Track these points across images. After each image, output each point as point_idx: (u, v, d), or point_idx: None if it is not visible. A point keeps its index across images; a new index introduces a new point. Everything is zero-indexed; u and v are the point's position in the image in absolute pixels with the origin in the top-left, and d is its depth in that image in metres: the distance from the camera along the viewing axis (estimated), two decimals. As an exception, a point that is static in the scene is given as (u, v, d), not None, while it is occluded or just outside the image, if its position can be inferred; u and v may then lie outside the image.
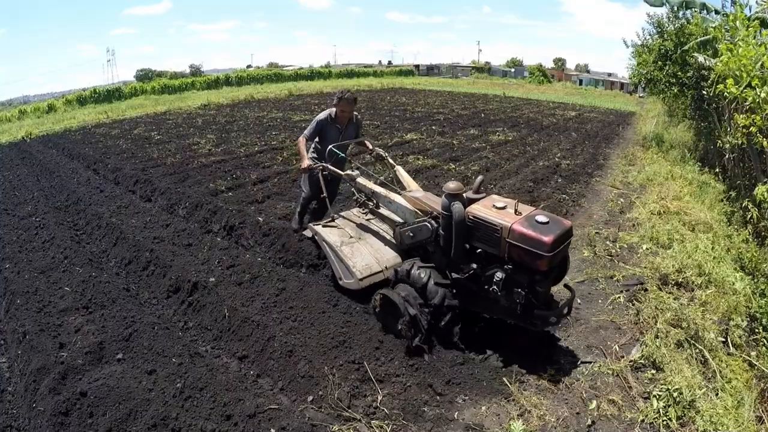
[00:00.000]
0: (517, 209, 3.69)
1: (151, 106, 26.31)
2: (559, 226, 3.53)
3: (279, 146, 12.80)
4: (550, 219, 3.57)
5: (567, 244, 3.60)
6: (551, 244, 3.35)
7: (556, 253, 3.43)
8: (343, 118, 5.63)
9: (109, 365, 3.75)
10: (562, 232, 3.47)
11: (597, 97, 39.01)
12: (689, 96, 11.66)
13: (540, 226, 3.48)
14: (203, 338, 4.45)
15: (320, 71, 51.56)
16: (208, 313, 4.70)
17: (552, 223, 3.52)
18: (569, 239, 3.62)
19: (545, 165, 10.92)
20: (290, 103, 25.56)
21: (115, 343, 4.04)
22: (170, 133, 15.60)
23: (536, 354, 3.90)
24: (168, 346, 4.04)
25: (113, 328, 4.24)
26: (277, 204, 7.74)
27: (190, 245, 6.38)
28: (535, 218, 3.56)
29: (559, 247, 3.46)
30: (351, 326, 4.17)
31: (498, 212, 3.70)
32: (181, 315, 4.89)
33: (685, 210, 7.23)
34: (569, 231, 3.59)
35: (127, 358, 3.87)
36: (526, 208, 3.78)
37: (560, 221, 3.61)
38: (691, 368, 3.69)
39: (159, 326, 4.40)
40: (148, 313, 4.73)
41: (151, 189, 9.00)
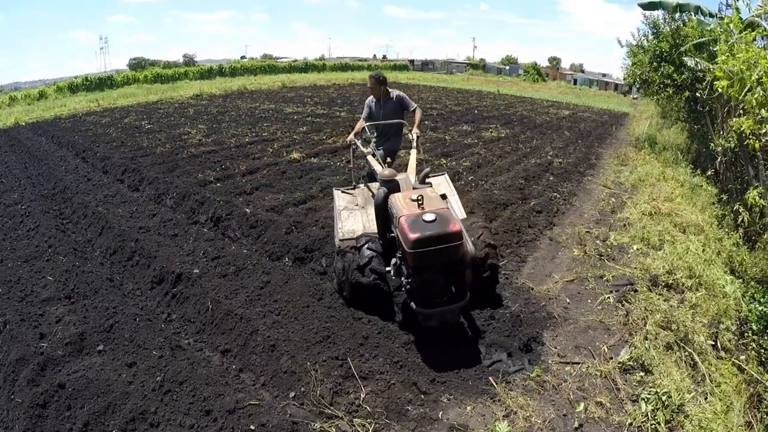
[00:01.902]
0: (422, 204, 3.74)
1: (143, 95, 26.10)
2: (438, 228, 3.52)
3: (270, 138, 12.67)
4: (437, 219, 3.57)
5: (448, 248, 3.54)
6: (415, 242, 3.45)
7: (426, 252, 3.48)
8: (375, 96, 6.13)
9: (89, 357, 3.66)
10: (435, 234, 3.48)
11: (591, 97, 39.11)
12: (683, 98, 11.63)
13: (418, 224, 3.55)
14: (186, 331, 4.36)
15: (314, 64, 51.40)
16: (191, 306, 4.61)
17: (434, 224, 3.54)
18: (450, 244, 3.54)
19: (537, 163, 10.87)
20: (283, 95, 25.40)
21: (96, 335, 3.95)
22: (161, 123, 15.44)
23: (523, 353, 3.84)
24: (149, 339, 3.96)
25: (95, 319, 4.15)
26: (265, 196, 7.64)
27: (176, 236, 6.28)
28: (423, 216, 3.60)
29: (430, 248, 3.48)
30: (335, 321, 4.09)
31: (405, 203, 3.83)
32: (165, 306, 4.80)
33: (677, 212, 7.20)
34: (448, 236, 3.52)
35: (107, 350, 3.78)
36: (437, 204, 3.82)
37: (444, 224, 3.56)
38: (680, 371, 3.65)
39: (141, 318, 4.31)
40: (131, 304, 4.63)
41: (139, 178, 8.87)
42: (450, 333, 3.99)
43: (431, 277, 3.65)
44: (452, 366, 3.69)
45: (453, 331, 4.02)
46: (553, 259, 5.73)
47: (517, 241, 6.08)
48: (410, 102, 6.15)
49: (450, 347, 3.91)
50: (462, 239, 3.58)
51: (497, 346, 3.84)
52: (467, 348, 3.91)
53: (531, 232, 6.41)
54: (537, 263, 5.58)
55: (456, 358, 3.79)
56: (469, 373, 3.60)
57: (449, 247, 3.52)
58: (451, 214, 3.72)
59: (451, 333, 4.00)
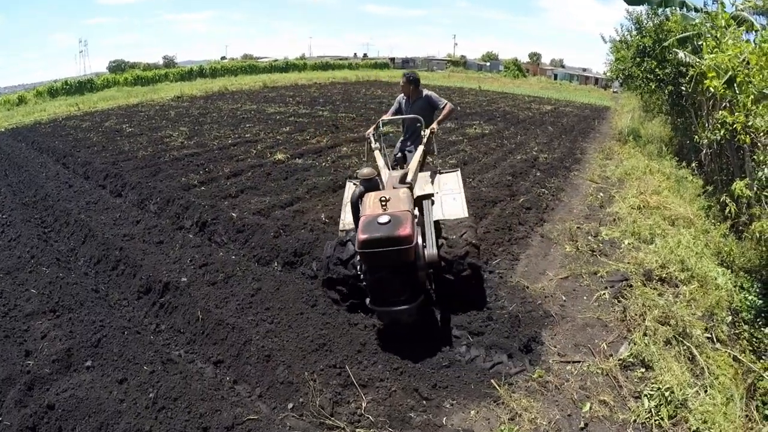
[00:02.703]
0: (386, 205, 3.77)
1: (124, 97, 25.70)
2: (387, 231, 3.53)
3: (253, 139, 12.50)
4: (390, 222, 3.59)
5: (394, 251, 3.53)
6: (362, 243, 3.52)
7: (373, 253, 3.53)
8: (405, 92, 6.21)
9: (77, 374, 3.52)
10: (383, 237, 3.50)
11: (572, 91, 39.49)
12: (666, 92, 11.72)
13: (371, 225, 3.61)
14: (176, 342, 4.24)
15: (295, 63, 51.07)
16: (180, 316, 4.48)
17: (384, 226, 3.56)
18: (396, 247, 3.53)
19: (523, 159, 10.86)
20: (264, 95, 25.19)
21: (83, 350, 3.80)
22: (142, 126, 15.17)
23: (523, 353, 3.78)
24: (139, 352, 3.81)
25: (81, 334, 4.00)
26: (251, 199, 7.50)
27: (161, 243, 6.12)
28: (379, 218, 3.64)
29: (377, 249, 3.51)
30: (331, 328, 3.98)
31: (372, 203, 3.89)
32: (153, 317, 4.66)
33: (665, 205, 7.23)
34: (396, 239, 3.51)
35: (96, 366, 3.64)
36: (402, 207, 3.80)
37: (394, 228, 3.55)
38: (680, 365, 3.63)
39: (129, 330, 4.15)
40: (117, 316, 4.49)
41: (122, 183, 8.67)
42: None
43: (383, 277, 3.66)
44: (453, 370, 3.63)
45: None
46: (546, 256, 5.70)
47: (509, 239, 6.04)
48: (439, 100, 6.15)
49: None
50: (411, 243, 3.54)
51: (497, 348, 3.77)
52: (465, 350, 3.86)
53: (522, 230, 6.37)
54: (530, 261, 5.54)
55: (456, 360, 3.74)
56: (470, 377, 3.53)
57: (396, 250, 3.52)
58: (408, 217, 3.67)
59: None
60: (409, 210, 3.78)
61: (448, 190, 5.19)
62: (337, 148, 11.39)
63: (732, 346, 4.30)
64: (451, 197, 5.07)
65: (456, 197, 5.06)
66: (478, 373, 3.59)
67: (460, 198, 5.08)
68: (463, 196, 5.12)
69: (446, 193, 5.16)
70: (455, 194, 5.11)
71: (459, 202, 5.01)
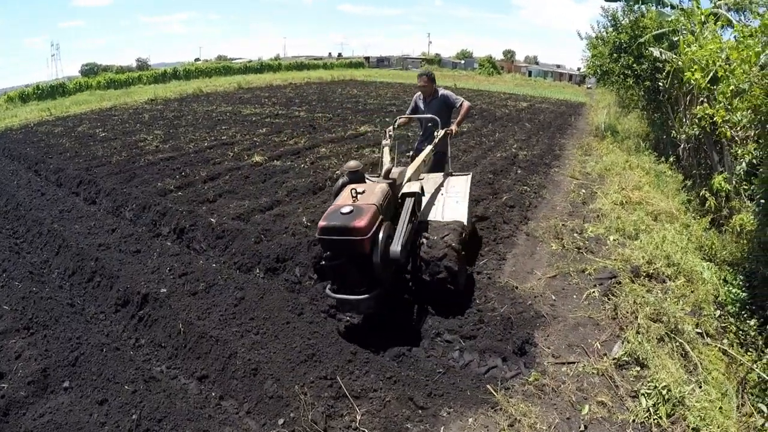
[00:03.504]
0: (357, 197, 3.87)
1: (96, 101, 25.00)
2: (343, 221, 3.64)
3: (229, 141, 12.25)
4: (351, 212, 3.69)
5: (347, 241, 3.61)
6: (320, 229, 3.67)
7: (328, 240, 3.67)
8: (423, 92, 6.24)
9: (55, 396, 3.32)
10: (338, 226, 3.61)
11: (546, 88, 39.92)
12: (643, 87, 11.83)
13: (332, 214, 3.75)
14: (157, 357, 4.05)
15: (270, 64, 50.59)
16: (160, 329, 4.30)
17: (343, 216, 3.68)
18: (349, 237, 3.60)
19: (503, 156, 10.85)
20: (239, 96, 24.83)
21: (60, 369, 3.59)
22: (116, 130, 14.75)
23: (517, 356, 3.71)
24: (119, 370, 3.62)
25: (58, 352, 3.78)
26: (229, 203, 7.31)
27: (138, 252, 5.91)
28: (342, 208, 3.77)
29: (332, 237, 3.64)
30: (319, 337, 3.84)
31: (346, 194, 4.01)
32: (132, 331, 4.46)
33: (647, 200, 7.26)
34: (349, 229, 3.59)
35: (74, 387, 3.43)
36: (372, 200, 3.90)
37: (351, 219, 3.64)
38: (674, 362, 3.61)
39: (108, 347, 3.94)
40: (95, 331, 4.28)
41: (96, 190, 8.37)
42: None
43: (341, 266, 3.75)
44: (447, 377, 3.54)
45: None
46: (533, 254, 5.65)
47: (494, 238, 5.98)
48: (455, 98, 6.17)
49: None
50: (364, 235, 3.58)
51: (491, 352, 3.67)
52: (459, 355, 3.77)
53: (507, 228, 6.32)
54: (517, 260, 5.48)
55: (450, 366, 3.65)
56: (466, 383, 3.43)
57: (349, 240, 3.60)
58: (370, 210, 3.74)
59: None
60: (375, 204, 3.84)
61: (454, 193, 5.22)
62: (315, 149, 11.24)
63: (720, 340, 4.31)
64: (455, 200, 5.09)
65: (459, 201, 5.07)
66: (473, 378, 3.50)
67: (464, 202, 5.05)
68: (467, 200, 5.10)
69: (451, 195, 5.19)
70: (459, 197, 5.12)
71: (461, 206, 4.99)
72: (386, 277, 3.83)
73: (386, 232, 3.81)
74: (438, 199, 5.19)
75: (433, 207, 5.05)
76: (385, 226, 3.82)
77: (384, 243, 3.74)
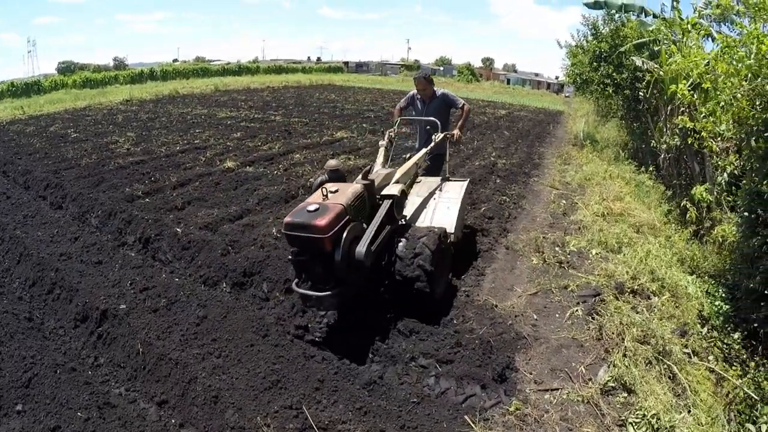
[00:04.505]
0: (327, 196, 3.87)
1: (71, 101, 24.29)
2: (305, 218, 3.63)
3: (202, 145, 11.88)
4: (317, 210, 3.69)
5: (308, 238, 3.62)
6: (285, 224, 3.67)
7: (291, 236, 3.68)
8: (421, 94, 6.16)
9: (7, 420, 3.10)
10: (300, 222, 3.61)
11: (525, 95, 40.16)
12: (623, 96, 11.79)
13: (298, 211, 3.74)
14: (116, 378, 3.76)
15: (248, 66, 50.09)
16: (119, 348, 4.01)
17: (307, 213, 3.66)
18: (310, 235, 3.59)
19: (481, 165, 10.68)
20: (216, 99, 24.36)
21: (13, 391, 3.36)
22: (88, 131, 14.24)
23: (497, 383, 3.48)
24: (74, 395, 3.36)
25: (11, 372, 3.54)
26: (198, 211, 6.99)
27: (100, 263, 5.57)
28: (309, 205, 3.76)
29: (294, 233, 3.65)
30: (284, 362, 3.57)
31: (318, 192, 4.01)
32: (91, 349, 4.16)
33: (629, 211, 7.14)
34: (310, 227, 3.58)
35: (27, 410, 3.20)
36: (340, 198, 3.89)
37: (313, 217, 3.63)
38: (662, 386, 3.44)
39: (63, 367, 3.69)
40: (52, 348, 4.00)
41: (63, 195, 7.98)
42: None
43: (305, 261, 3.76)
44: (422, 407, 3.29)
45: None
46: (513, 269, 5.45)
47: (473, 251, 5.77)
48: (456, 99, 6.16)
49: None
50: (325, 234, 3.56)
51: (469, 378, 3.43)
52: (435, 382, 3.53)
53: (486, 241, 6.11)
54: (496, 275, 5.27)
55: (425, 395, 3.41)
56: (442, 414, 3.17)
57: (309, 237, 3.61)
58: (335, 210, 3.71)
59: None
60: (342, 204, 3.81)
61: (446, 199, 5.15)
62: (289, 154, 10.95)
63: (707, 357, 4.18)
64: (446, 206, 5.03)
65: (451, 207, 5.00)
66: (450, 408, 3.23)
67: (455, 208, 4.99)
68: (458, 207, 5.02)
69: (443, 200, 5.13)
70: (451, 204, 5.05)
71: (451, 212, 4.95)
72: (351, 277, 3.78)
73: (353, 233, 3.78)
74: (430, 203, 5.12)
75: (424, 211, 5.02)
76: (351, 227, 3.79)
77: (348, 243, 3.71)
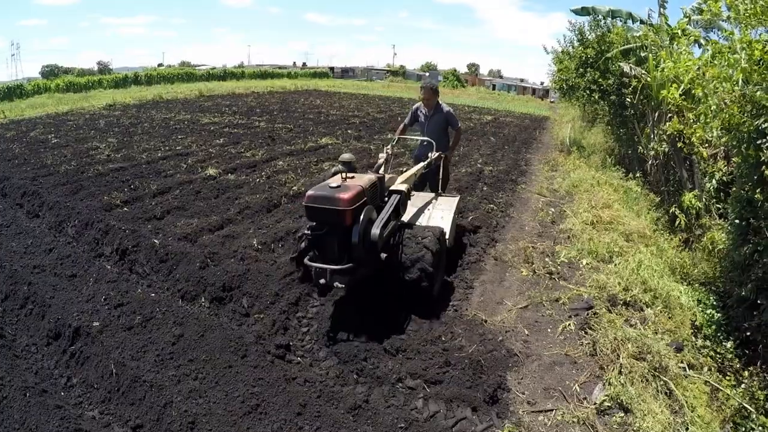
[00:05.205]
0: (346, 180, 4.11)
1: (54, 105, 23.72)
2: (330, 192, 3.84)
3: (184, 152, 11.62)
4: (339, 187, 3.91)
5: (330, 210, 3.79)
6: (307, 198, 3.88)
7: (313, 208, 3.86)
8: (425, 104, 6.37)
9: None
10: (324, 195, 3.83)
11: (510, 101, 40.38)
12: (609, 102, 11.77)
13: (320, 187, 4.01)
14: (89, 399, 3.54)
15: (233, 71, 49.71)
16: (92, 368, 3.77)
17: (331, 189, 3.88)
18: (332, 207, 3.78)
19: (468, 172, 10.56)
20: (200, 104, 24.03)
21: (-20, 415, 3.11)
22: (69, 137, 13.85)
23: (489, 405, 3.33)
24: (44, 420, 3.14)
25: (-21, 395, 3.29)
26: (177, 221, 6.76)
27: (74, 276, 5.32)
28: (330, 182, 4.06)
29: (317, 205, 3.84)
30: (264, 385, 3.37)
31: (336, 177, 4.27)
32: (63, 368, 3.92)
33: (618, 219, 7.04)
34: (334, 200, 3.78)
35: (-5, 438, 2.98)
36: (358, 182, 4.11)
37: (337, 191, 3.83)
38: (659, 404, 3.33)
39: (33, 390, 3.45)
40: (23, 368, 3.79)
41: (40, 203, 7.67)
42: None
43: (323, 236, 3.93)
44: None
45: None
46: (502, 282, 5.31)
47: (461, 263, 5.64)
48: (457, 121, 6.50)
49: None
50: (348, 207, 3.77)
51: (459, 401, 3.26)
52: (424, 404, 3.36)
53: (474, 252, 5.98)
54: (485, 288, 5.13)
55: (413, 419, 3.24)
56: (431, 440, 3.03)
57: (333, 210, 3.78)
58: (356, 189, 3.93)
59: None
60: (362, 186, 4.04)
61: (440, 209, 5.54)
62: (272, 161, 10.75)
63: (700, 368, 4.07)
64: (440, 214, 5.41)
65: (445, 216, 5.37)
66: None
67: (449, 217, 5.35)
68: (451, 216, 5.38)
69: (437, 210, 5.52)
70: (445, 213, 5.43)
71: (446, 219, 5.29)
72: (365, 258, 3.93)
73: (368, 215, 4.00)
74: (425, 213, 5.50)
75: (421, 218, 5.35)
76: (367, 209, 4.02)
77: (364, 224, 3.91)
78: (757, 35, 4.53)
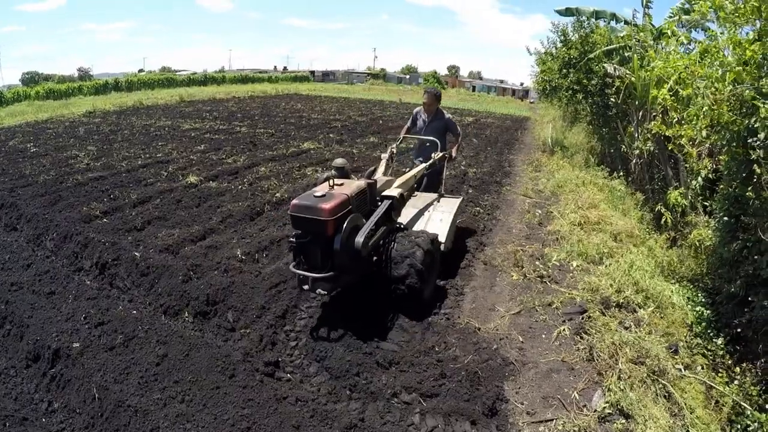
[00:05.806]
0: (333, 187, 4.17)
1: (33, 113, 23.10)
2: (312, 201, 3.90)
3: (164, 159, 11.35)
4: (323, 196, 3.96)
5: (312, 220, 3.83)
6: (292, 206, 3.94)
7: (296, 217, 3.91)
8: (426, 108, 6.38)
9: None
10: (307, 205, 3.88)
11: (490, 102, 40.66)
12: (592, 102, 11.80)
13: (306, 195, 4.07)
14: (72, 426, 3.36)
15: (214, 76, 49.31)
16: (74, 392, 3.59)
17: (314, 198, 3.94)
18: (314, 217, 3.82)
19: (452, 174, 10.43)
20: (181, 110, 23.61)
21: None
22: (48, 145, 13.45)
23: (488, 418, 3.24)
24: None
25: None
26: (158, 231, 6.57)
27: (53, 294, 5.10)
28: (316, 191, 4.07)
29: (299, 214, 3.88)
30: (255, 406, 3.23)
31: (324, 184, 4.27)
32: (44, 392, 3.73)
33: (605, 219, 7.02)
34: (315, 209, 3.82)
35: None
36: (345, 190, 4.14)
37: (320, 201, 3.88)
38: (659, 407, 3.30)
39: (12, 419, 3.30)
40: (2, 393, 3.64)
41: (17, 215, 7.40)
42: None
43: (307, 243, 3.97)
44: None
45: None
46: (493, 287, 5.23)
47: (450, 269, 5.54)
48: (457, 128, 6.56)
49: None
50: (329, 217, 3.81)
51: (457, 414, 3.16)
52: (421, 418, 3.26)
53: (463, 257, 5.90)
54: (476, 294, 5.04)
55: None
56: (431, 459, 2.92)
57: (314, 219, 3.83)
58: (340, 199, 3.96)
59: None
60: (347, 194, 4.08)
61: (440, 211, 5.55)
62: (254, 168, 10.56)
63: (694, 366, 4.07)
64: (439, 218, 5.41)
65: (443, 219, 5.37)
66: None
67: (447, 220, 5.35)
68: (451, 220, 5.38)
69: (437, 212, 5.54)
70: (444, 216, 5.43)
71: (444, 223, 5.30)
72: (348, 266, 3.96)
73: (352, 223, 3.99)
74: (425, 215, 5.51)
75: (419, 220, 5.39)
76: (352, 217, 4.01)
77: (348, 232, 3.92)
78: (744, 35, 4.54)
